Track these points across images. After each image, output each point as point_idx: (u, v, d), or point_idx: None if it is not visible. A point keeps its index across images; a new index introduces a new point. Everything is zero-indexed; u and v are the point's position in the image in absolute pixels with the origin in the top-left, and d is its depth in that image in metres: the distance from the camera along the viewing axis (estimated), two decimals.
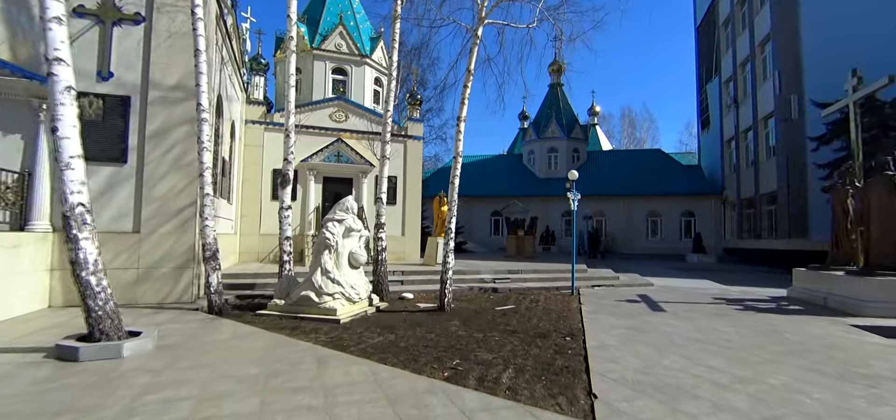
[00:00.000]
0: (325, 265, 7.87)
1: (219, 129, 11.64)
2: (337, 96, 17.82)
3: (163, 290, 8.52)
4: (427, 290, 11.20)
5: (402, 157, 17.68)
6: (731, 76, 31.43)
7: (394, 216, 17.24)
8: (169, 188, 8.63)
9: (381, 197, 10.18)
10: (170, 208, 8.61)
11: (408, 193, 17.59)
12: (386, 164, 10.34)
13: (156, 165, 8.59)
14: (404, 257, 17.11)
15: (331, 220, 8.31)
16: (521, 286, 12.44)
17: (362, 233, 8.61)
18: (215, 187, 10.99)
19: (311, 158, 16.54)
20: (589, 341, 6.48)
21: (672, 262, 25.56)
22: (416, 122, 18.15)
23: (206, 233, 7.83)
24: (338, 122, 17.29)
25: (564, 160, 35.56)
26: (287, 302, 7.90)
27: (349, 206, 8.47)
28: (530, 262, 17.53)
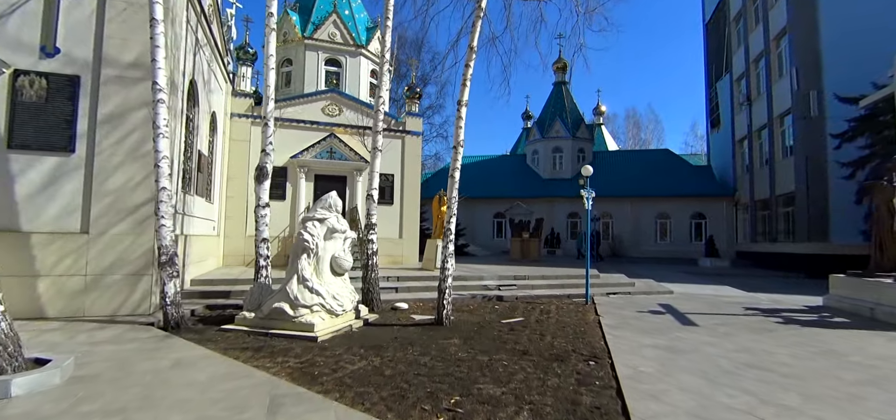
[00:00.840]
0: (302, 272, 6.69)
1: (193, 119, 10.48)
2: (330, 89, 16.68)
3: (115, 300, 7.35)
4: (424, 298, 10.01)
5: (400, 153, 16.51)
6: (743, 73, 30.21)
7: (390, 217, 16.07)
8: (124, 181, 7.46)
9: (372, 194, 9.01)
10: (125, 204, 7.44)
11: (406, 192, 16.41)
12: (378, 156, 9.16)
13: (109, 155, 7.43)
14: (402, 261, 15.93)
15: (310, 220, 7.14)
16: (529, 294, 11.23)
17: (348, 234, 7.43)
18: (185, 182, 9.84)
19: (301, 155, 15.38)
20: (619, 367, 5.27)
21: (683, 266, 24.34)
22: (415, 116, 16.98)
23: (162, 233, 6.66)
24: (331, 117, 16.13)
25: (569, 160, 34.34)
26: (257, 315, 6.72)
27: (332, 203, 7.30)
28: (537, 267, 16.32)
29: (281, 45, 17.68)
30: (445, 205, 14.45)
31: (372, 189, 9.02)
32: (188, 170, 10.24)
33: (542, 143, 35.81)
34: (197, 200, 10.85)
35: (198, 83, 10.38)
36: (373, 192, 9.00)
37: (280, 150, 15.26)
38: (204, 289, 9.76)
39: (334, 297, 6.82)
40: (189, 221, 10.10)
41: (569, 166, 34.17)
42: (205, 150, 11.46)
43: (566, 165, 34.33)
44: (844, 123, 20.36)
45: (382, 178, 16.05)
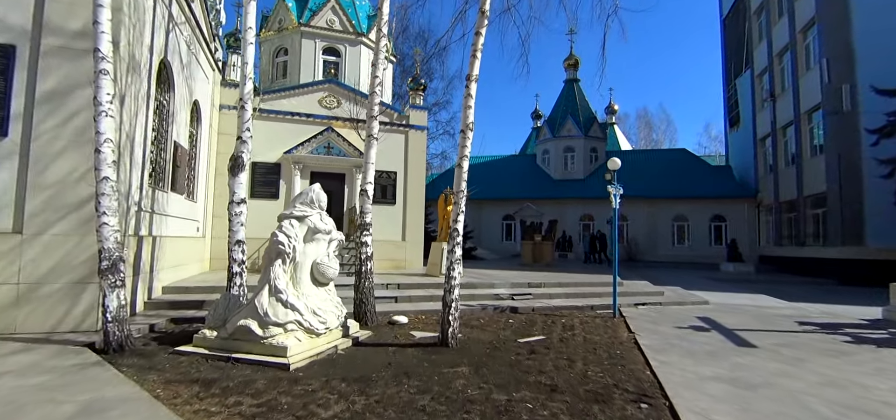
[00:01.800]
0: (274, 282, 5.42)
1: (167, 105, 9.27)
2: (328, 79, 15.45)
3: (54, 313, 6.12)
4: (428, 309, 8.71)
5: (403, 149, 15.24)
6: (765, 68, 28.67)
7: (392, 218, 14.80)
8: (68, 171, 6.25)
9: (365, 189, 7.74)
10: (68, 199, 6.23)
11: (409, 191, 15.13)
12: (373, 146, 7.89)
13: (50, 140, 6.21)
14: (404, 266, 14.64)
15: (287, 218, 5.88)
16: (547, 304, 9.89)
17: (333, 236, 6.15)
18: (156, 176, 8.63)
19: (296, 150, 14.16)
20: (682, 413, 3.94)
21: (705, 271, 22.87)
22: (420, 109, 15.71)
23: (103, 233, 5.42)
24: (329, 109, 14.90)
25: (582, 160, 32.91)
26: (220, 334, 5.46)
27: (315, 198, 6.03)
28: (551, 272, 14.97)
29: (275, 34, 16.53)
30: (452, 203, 13.19)
31: (366, 183, 7.75)
32: (160, 162, 9.04)
33: (552, 143, 34.42)
34: (172, 198, 9.64)
35: (172, 65, 9.17)
36: (367, 186, 7.73)
37: (273, 146, 14.10)
38: (175, 298, 8.53)
39: (314, 313, 5.54)
40: (161, 221, 8.89)
41: (581, 166, 32.76)
42: (183, 143, 10.25)
43: (578, 165, 32.92)
44: (882, 117, 18.82)
45: (384, 177, 14.83)
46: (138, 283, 7.67)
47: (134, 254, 7.43)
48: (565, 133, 33.65)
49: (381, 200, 14.77)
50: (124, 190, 6.91)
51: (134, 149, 7.20)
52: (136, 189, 7.47)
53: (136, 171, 7.40)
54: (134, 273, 7.46)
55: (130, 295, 7.35)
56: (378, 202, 14.72)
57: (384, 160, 14.73)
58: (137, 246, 7.57)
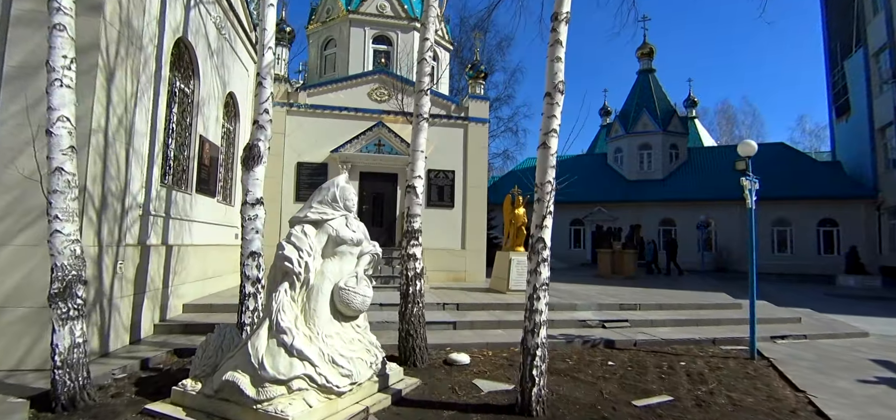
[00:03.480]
0: (276, 317, 3.70)
1: (190, 94, 8.01)
2: (378, 69, 13.94)
3: (18, 346, 4.80)
4: (496, 342, 6.74)
5: (462, 145, 13.40)
6: (885, 44, 24.11)
7: (450, 223, 12.98)
8: (35, 167, 4.90)
9: (413, 185, 5.93)
10: (35, 201, 4.88)
11: (469, 193, 13.25)
12: (423, 128, 6.08)
13: (15, 129, 4.92)
14: (464, 278, 12.76)
15: (299, 223, 4.16)
16: (651, 336, 7.60)
17: (365, 248, 4.35)
18: (177, 176, 7.36)
19: (343, 148, 12.73)
20: None
21: (817, 284, 19.23)
22: (480, 100, 13.81)
23: (55, 244, 3.96)
24: (379, 102, 13.38)
25: (660, 158, 29.53)
26: (206, 388, 3.82)
27: (337, 195, 4.27)
28: (639, 288, 12.49)
29: (323, 25, 15.31)
30: (521, 205, 11.16)
31: (414, 178, 5.94)
32: (181, 160, 7.77)
33: (626, 140, 31.27)
34: (199, 200, 8.37)
35: (195, 48, 7.90)
36: (415, 181, 5.92)
37: (319, 144, 12.76)
38: (193, 319, 7.17)
39: (334, 362, 3.77)
40: (181, 227, 7.60)
41: (659, 165, 29.42)
42: (214, 139, 9.00)
43: (656, 164, 29.58)
44: None
45: (441, 176, 13.08)
46: (144, 303, 6.32)
47: (136, 267, 6.09)
48: (640, 129, 30.42)
49: (437, 203, 13.03)
50: (117, 188, 5.54)
51: (133, 138, 5.85)
52: (139, 188, 6.13)
53: (138, 166, 6.05)
54: (137, 290, 6.11)
55: (131, 317, 6.00)
56: (433, 205, 13.00)
57: (440, 157, 13.00)
58: (141, 257, 6.23)
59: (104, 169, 5.25)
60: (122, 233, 5.68)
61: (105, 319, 5.40)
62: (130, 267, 5.95)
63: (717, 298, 10.70)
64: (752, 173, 6.98)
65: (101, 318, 5.31)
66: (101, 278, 5.28)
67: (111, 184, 5.41)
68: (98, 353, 5.28)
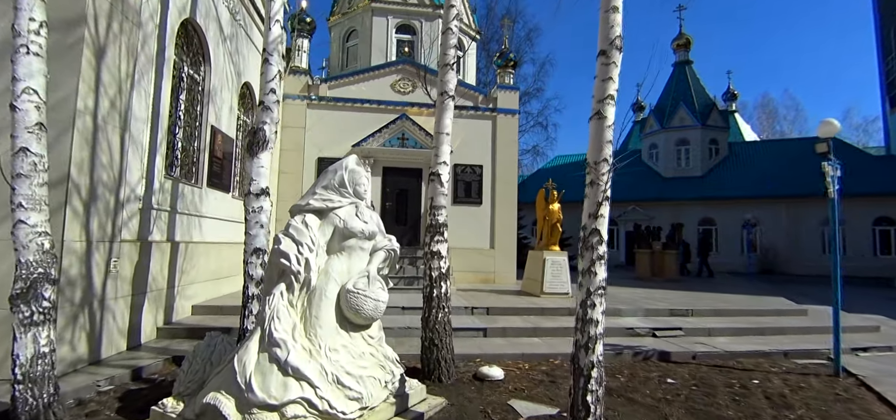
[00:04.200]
0: (269, 327, 3.01)
1: (200, 81, 7.49)
2: (402, 60, 13.28)
3: None
4: (533, 353, 5.92)
5: (490, 138, 12.61)
6: None
7: (478, 221, 12.20)
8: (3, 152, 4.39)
9: (437, 173, 5.18)
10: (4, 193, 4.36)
11: (498, 189, 12.43)
12: (448, 107, 5.34)
13: None
14: (494, 280, 11.95)
15: (301, 212, 3.46)
16: (710, 347, 6.62)
17: (379, 243, 3.62)
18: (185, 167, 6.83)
19: (366, 142, 12.11)
20: None
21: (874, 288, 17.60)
22: (510, 90, 12.98)
23: (19, 237, 3.39)
24: (402, 94, 12.72)
25: (699, 154, 27.97)
26: (186, 411, 3.16)
27: (346, 178, 3.56)
28: (685, 292, 11.43)
29: (344, 16, 14.76)
30: (555, 201, 10.28)
31: (438, 164, 5.19)
32: (190, 151, 7.25)
33: (661, 135, 29.80)
34: (211, 195, 7.85)
35: (205, 31, 7.38)
36: (439, 168, 5.16)
37: (340, 138, 12.17)
38: (201, 321, 6.61)
39: (340, 382, 3.05)
40: (190, 223, 7.07)
41: (698, 161, 27.88)
42: (228, 130, 8.48)
43: (695, 160, 28.05)
44: None
45: (468, 171, 12.32)
46: (144, 305, 5.78)
47: (135, 266, 5.54)
48: (677, 123, 28.92)
49: (464, 199, 12.27)
50: (110, 178, 4.99)
51: (130, 123, 5.30)
52: (139, 179, 5.59)
53: (137, 155, 5.51)
54: (136, 290, 5.57)
55: (129, 320, 5.46)
56: (460, 201, 12.25)
57: (467, 151, 12.24)
58: (142, 255, 5.69)
59: (93, 156, 4.70)
60: (116, 227, 5.14)
61: (95, 323, 4.85)
62: (127, 265, 5.41)
63: (777, 303, 9.58)
64: (834, 159, 5.94)
65: (90, 322, 4.76)
66: (90, 277, 4.73)
67: (102, 173, 4.86)
68: (87, 361, 4.73)
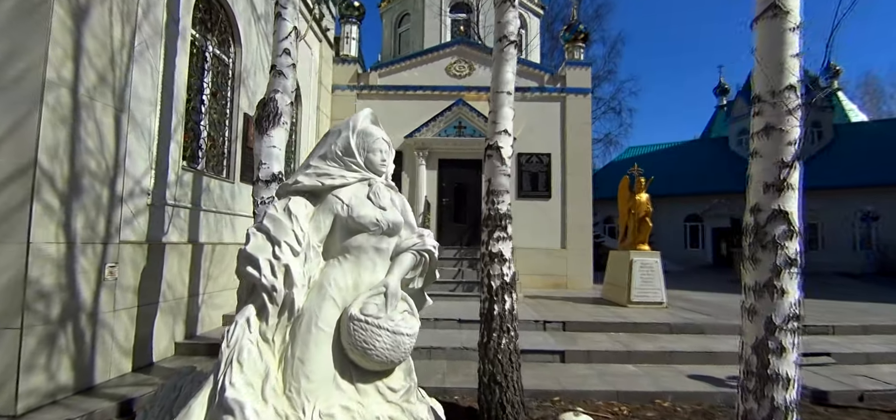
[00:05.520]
0: (225, 380, 1.84)
1: (230, 63, 6.68)
2: (457, 40, 12.07)
3: None
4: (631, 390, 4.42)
5: (559, 121, 11.06)
6: None
7: (546, 217, 10.70)
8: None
9: (496, 144, 3.84)
10: None
11: (569, 179, 10.85)
12: (509, 57, 4.05)
13: None
14: (565, 284, 10.40)
15: (287, 193, 2.28)
16: (885, 385, 4.78)
17: (405, 241, 2.34)
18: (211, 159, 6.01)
19: (419, 132, 11.02)
20: None
21: None
22: (581, 66, 11.36)
23: None
24: (458, 77, 11.51)
25: None
26: None
27: (352, 143, 2.34)
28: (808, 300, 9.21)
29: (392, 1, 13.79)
30: (643, 189, 8.58)
31: (497, 133, 3.86)
32: (218, 141, 6.45)
33: None
34: (246, 191, 7.02)
35: (231, 6, 6.55)
36: (499, 139, 3.83)
37: (392, 129, 11.03)
38: None
39: None
40: (218, 222, 6.25)
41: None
42: None
43: None
44: None
45: (534, 161, 10.88)
46: (157, 317, 4.95)
47: (142, 272, 4.71)
48: None
49: (529, 193, 10.83)
50: (101, 166, 4.15)
51: (128, 103, 4.45)
52: (146, 169, 4.75)
53: (142, 141, 4.67)
54: (143, 301, 4.73)
55: (134, 336, 4.62)
56: (525, 195, 10.81)
57: (532, 138, 10.77)
58: (152, 258, 4.85)
59: (74, 139, 3.85)
60: (112, 226, 4.29)
61: (84, 343, 4.00)
62: (131, 271, 4.57)
63: None
64: None
65: (76, 342, 3.92)
66: (74, 287, 3.89)
67: (89, 160, 4.00)
68: (73, 390, 3.89)
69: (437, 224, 11.04)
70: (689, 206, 25.26)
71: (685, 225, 25.68)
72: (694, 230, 25.54)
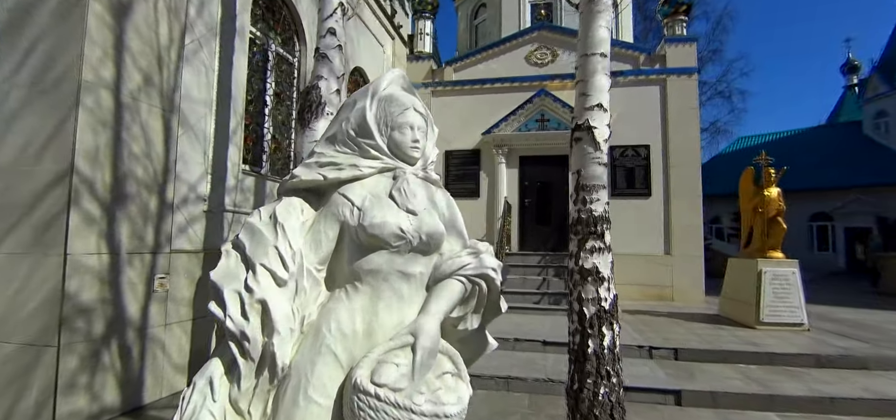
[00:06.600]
0: None
1: (295, 63, 6.38)
2: (537, 25, 11.07)
3: (5, 396, 3.31)
4: None
5: (659, 107, 9.64)
6: None
7: (647, 217, 9.35)
8: (22, 145, 3.45)
9: (587, 123, 2.93)
10: (21, 193, 3.42)
11: (673, 174, 9.40)
12: (599, 14, 3.10)
13: (5, 93, 3.53)
14: (671, 297, 8.98)
15: (286, 192, 1.63)
16: None
17: (448, 265, 1.57)
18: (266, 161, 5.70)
19: (498, 127, 10.20)
20: None
21: None
22: (683, 42, 9.84)
23: None
24: (540, 66, 10.53)
25: None
26: None
27: (369, 117, 1.61)
28: None
29: None
30: (772, 184, 6.99)
31: (586, 110, 2.96)
32: (285, 146, 6.15)
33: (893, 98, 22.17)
34: None
35: (295, 5, 6.25)
36: (589, 117, 2.93)
37: (469, 126, 10.47)
38: None
39: None
40: None
41: None
42: None
43: None
44: None
45: (629, 153, 9.62)
46: (214, 328, 4.65)
47: (197, 282, 4.43)
48: None
49: (624, 191, 9.56)
50: (149, 172, 3.87)
51: (178, 103, 4.18)
52: (201, 175, 4.47)
53: (196, 144, 4.39)
54: (199, 313, 4.45)
55: (190, 350, 4.34)
56: (620, 193, 9.54)
57: (626, 128, 9.49)
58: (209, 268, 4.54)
59: (117, 143, 3.59)
60: (162, 235, 4.02)
61: (131, 360, 3.74)
62: (185, 282, 4.29)
63: None
64: None
65: (121, 359, 3.65)
66: (118, 301, 3.63)
67: (133, 165, 3.74)
68: (119, 411, 3.63)
69: (518, 227, 10.15)
70: (816, 202, 21.67)
71: (811, 225, 22.09)
72: (822, 231, 21.87)
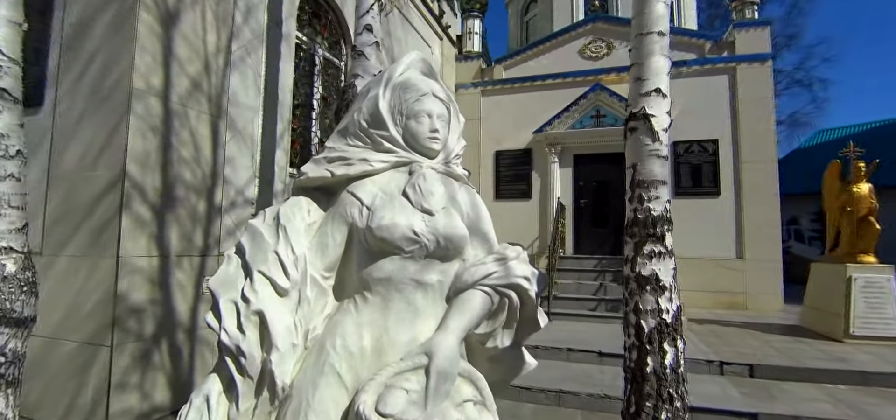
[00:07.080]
0: None
1: (342, 68, 6.42)
2: (591, 16, 10.58)
3: (64, 393, 3.49)
4: None
5: (727, 99, 8.89)
6: None
7: (716, 218, 8.63)
8: (82, 151, 3.63)
9: (642, 112, 2.63)
10: (81, 197, 3.59)
11: (745, 170, 8.61)
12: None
13: (70, 103, 3.73)
14: (744, 305, 8.22)
15: (298, 190, 1.50)
16: None
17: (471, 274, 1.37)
18: None
19: (550, 125, 9.84)
20: None
21: None
22: (755, 27, 9.01)
23: None
24: (594, 59, 10.05)
25: None
26: None
27: (382, 105, 1.45)
28: None
29: None
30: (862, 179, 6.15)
31: (641, 97, 2.66)
32: None
33: None
34: None
35: (341, 8, 6.28)
36: (646, 104, 2.63)
37: (520, 125, 10.19)
38: None
39: None
40: None
41: None
42: None
43: None
44: None
45: (694, 149, 8.97)
46: None
47: None
48: None
49: (690, 189, 8.90)
50: (196, 176, 3.96)
51: (226, 108, 4.26)
52: (249, 179, 4.55)
53: (243, 148, 4.47)
54: None
55: None
56: (684, 192, 8.89)
57: (691, 122, 8.84)
58: None
59: (166, 148, 3.69)
60: (210, 237, 4.11)
61: (181, 360, 3.83)
62: None
63: None
64: None
65: (171, 359, 3.75)
66: (168, 302, 3.73)
67: (182, 169, 3.83)
68: (169, 409, 3.72)
69: (573, 229, 9.72)
70: None
71: None
72: None
